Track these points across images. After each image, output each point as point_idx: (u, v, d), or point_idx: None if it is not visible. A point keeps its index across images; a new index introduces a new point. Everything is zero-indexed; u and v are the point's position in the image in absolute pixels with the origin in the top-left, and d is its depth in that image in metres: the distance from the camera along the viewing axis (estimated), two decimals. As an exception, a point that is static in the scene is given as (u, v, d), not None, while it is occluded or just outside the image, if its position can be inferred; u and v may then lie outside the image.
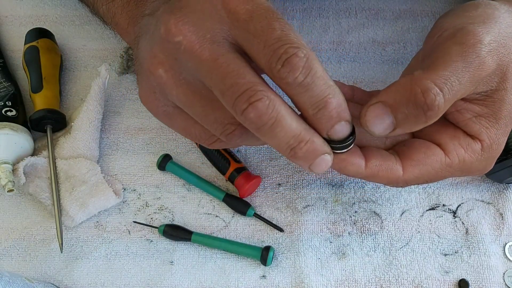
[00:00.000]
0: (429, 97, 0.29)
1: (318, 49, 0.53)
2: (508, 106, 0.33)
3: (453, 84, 0.29)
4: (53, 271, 0.44)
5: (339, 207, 0.46)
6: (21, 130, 0.46)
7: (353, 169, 0.33)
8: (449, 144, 0.34)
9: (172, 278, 0.43)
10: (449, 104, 0.30)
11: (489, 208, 0.45)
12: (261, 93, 0.27)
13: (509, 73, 0.32)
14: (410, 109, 0.30)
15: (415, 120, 0.30)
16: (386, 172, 0.34)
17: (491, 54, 0.31)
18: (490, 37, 0.31)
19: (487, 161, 0.35)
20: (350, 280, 0.43)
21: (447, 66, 0.30)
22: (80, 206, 0.45)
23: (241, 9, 0.28)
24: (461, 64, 0.30)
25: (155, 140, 0.50)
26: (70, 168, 0.46)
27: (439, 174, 0.34)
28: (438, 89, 0.29)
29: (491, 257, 0.43)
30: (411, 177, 0.34)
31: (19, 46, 0.52)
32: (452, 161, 0.34)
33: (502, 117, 0.33)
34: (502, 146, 0.35)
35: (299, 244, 0.44)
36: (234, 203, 0.46)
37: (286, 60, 0.27)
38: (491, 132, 0.34)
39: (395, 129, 0.31)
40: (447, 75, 0.30)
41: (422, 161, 0.34)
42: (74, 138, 0.47)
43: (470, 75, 0.30)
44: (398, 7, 0.55)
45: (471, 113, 0.33)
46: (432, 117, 0.30)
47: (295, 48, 0.27)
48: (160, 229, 0.45)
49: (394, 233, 0.44)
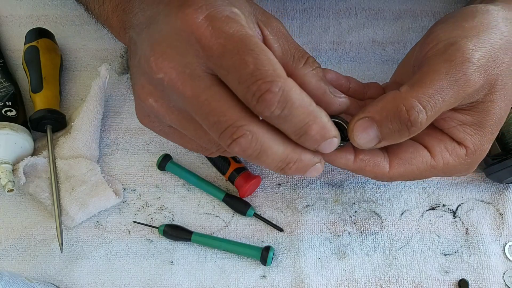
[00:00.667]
0: (413, 115, 0.31)
1: (318, 49, 0.53)
2: (493, 116, 0.34)
3: (437, 102, 0.31)
4: (53, 271, 0.44)
5: (339, 207, 0.46)
6: (21, 130, 0.46)
7: (342, 162, 0.35)
8: (435, 147, 0.35)
9: (172, 278, 0.43)
10: (432, 119, 0.32)
11: (489, 208, 0.45)
12: (242, 129, 0.28)
13: (498, 85, 0.33)
14: (395, 124, 0.31)
15: (399, 135, 0.32)
16: (373, 167, 0.35)
17: (479, 70, 0.32)
18: (480, 53, 0.32)
19: (469, 165, 0.36)
20: (350, 280, 0.43)
21: (433, 84, 0.31)
22: (80, 206, 0.45)
23: (213, 44, 0.28)
24: (446, 83, 0.31)
25: (155, 140, 0.50)
26: (70, 168, 0.46)
27: (423, 174, 0.36)
28: (421, 107, 0.31)
29: (491, 257, 0.43)
30: (396, 174, 0.36)
31: (19, 46, 0.52)
32: (437, 163, 0.35)
33: (487, 126, 0.35)
34: (486, 151, 0.36)
35: (299, 244, 0.44)
36: (234, 203, 0.46)
37: (260, 97, 0.27)
38: (475, 140, 0.35)
39: (380, 142, 0.33)
40: (432, 93, 0.31)
41: (408, 160, 0.35)
42: (74, 138, 0.47)
43: (454, 92, 0.31)
44: (398, 7, 0.55)
45: (456, 121, 0.35)
46: (415, 131, 0.32)
47: (269, 83, 0.27)
48: (160, 229, 0.45)
49: (394, 233, 0.45)
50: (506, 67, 0.34)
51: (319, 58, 0.53)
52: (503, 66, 0.33)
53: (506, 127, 0.42)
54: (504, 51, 0.34)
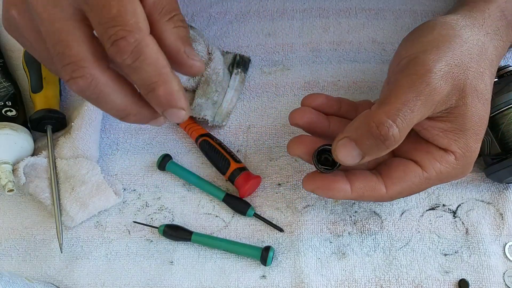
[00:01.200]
0: (383, 130, 0.33)
1: (318, 49, 0.53)
2: (471, 118, 0.35)
3: (406, 114, 0.33)
4: (53, 271, 0.44)
5: (339, 207, 0.46)
6: (21, 130, 0.46)
7: (341, 195, 0.37)
8: (424, 159, 0.37)
9: (172, 278, 0.43)
10: (405, 130, 0.33)
11: (489, 208, 0.45)
12: (84, 70, 0.28)
13: (467, 89, 0.35)
14: (371, 140, 0.33)
15: (377, 149, 0.34)
16: (370, 192, 0.37)
17: (443, 78, 0.34)
18: (441, 63, 0.34)
19: (464, 168, 0.37)
20: (350, 280, 0.43)
21: (399, 98, 0.33)
22: (80, 206, 0.45)
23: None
24: (411, 95, 0.33)
25: (155, 140, 0.50)
26: (70, 168, 0.46)
27: (420, 187, 0.38)
28: (391, 121, 0.33)
29: (491, 257, 0.43)
30: (394, 193, 0.37)
31: (19, 46, 0.52)
32: (429, 175, 0.37)
33: (468, 128, 0.36)
34: (477, 152, 0.37)
35: (299, 244, 0.44)
36: (234, 203, 0.46)
37: (114, 41, 0.27)
38: (460, 143, 0.36)
39: (364, 157, 0.35)
40: (399, 107, 0.33)
41: (402, 178, 0.37)
42: (74, 138, 0.46)
43: (422, 102, 0.33)
44: (398, 7, 0.55)
45: (437, 130, 0.36)
46: (391, 144, 0.33)
47: (127, 31, 0.27)
48: (160, 229, 0.45)
49: (394, 233, 0.44)
50: (474, 71, 0.35)
51: (319, 58, 0.53)
52: (470, 70, 0.35)
53: (506, 127, 0.42)
54: (469, 56, 0.35)
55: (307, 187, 0.38)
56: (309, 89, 0.51)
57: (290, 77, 0.52)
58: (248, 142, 0.49)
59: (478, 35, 0.37)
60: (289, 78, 0.52)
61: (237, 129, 0.50)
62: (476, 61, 0.35)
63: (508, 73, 0.44)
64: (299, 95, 0.51)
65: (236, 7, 0.56)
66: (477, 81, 0.35)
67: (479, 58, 0.36)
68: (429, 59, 0.34)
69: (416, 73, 0.34)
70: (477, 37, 0.37)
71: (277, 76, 0.52)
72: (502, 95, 0.41)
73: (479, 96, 0.35)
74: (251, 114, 0.51)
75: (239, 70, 0.51)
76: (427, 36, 0.36)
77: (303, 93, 0.51)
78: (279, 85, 0.52)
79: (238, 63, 0.52)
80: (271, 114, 0.50)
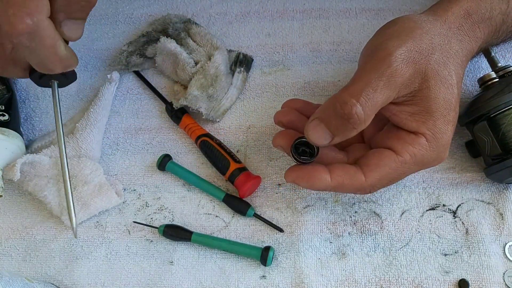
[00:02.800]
0: (346, 108, 0.35)
1: (318, 50, 0.53)
2: (435, 100, 0.37)
3: (368, 93, 0.35)
4: (53, 271, 0.44)
5: (339, 207, 0.46)
6: (13, 136, 0.45)
7: (321, 183, 0.38)
8: (396, 145, 0.38)
9: (172, 278, 0.43)
10: (370, 110, 0.35)
11: (489, 208, 0.45)
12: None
13: (429, 73, 0.37)
14: (337, 120, 0.35)
15: (344, 128, 0.36)
16: (350, 180, 0.38)
17: (404, 62, 0.36)
18: (402, 49, 0.36)
19: (438, 150, 0.38)
20: (350, 280, 0.43)
21: (362, 79, 0.35)
22: (81, 206, 0.45)
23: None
24: (374, 75, 0.35)
25: (155, 140, 0.50)
26: (72, 168, 0.46)
27: (398, 171, 0.38)
28: (354, 100, 0.35)
29: (491, 257, 0.43)
30: (373, 180, 0.38)
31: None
32: (404, 158, 0.38)
33: (434, 111, 0.37)
34: (448, 133, 0.38)
35: (299, 244, 0.44)
36: (234, 203, 0.46)
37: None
38: (429, 125, 0.37)
39: (334, 138, 0.37)
40: (362, 87, 0.35)
41: (377, 164, 0.38)
42: (77, 139, 0.47)
43: (384, 83, 0.35)
44: (398, 8, 0.55)
45: (405, 114, 0.38)
46: (356, 123, 0.35)
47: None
48: (160, 229, 0.45)
49: (394, 233, 0.44)
50: (437, 59, 0.37)
51: (319, 59, 0.53)
52: (432, 57, 0.37)
53: (507, 127, 0.42)
54: (430, 45, 0.37)
55: (288, 178, 0.39)
56: (309, 89, 0.51)
57: (290, 77, 0.52)
58: (248, 142, 0.49)
59: (440, 29, 0.39)
60: (289, 78, 0.52)
61: (237, 129, 0.50)
62: (438, 50, 0.37)
63: (509, 74, 0.44)
64: (299, 95, 0.51)
65: (236, 8, 0.56)
66: (440, 68, 0.37)
67: (442, 48, 0.38)
68: (390, 45, 0.36)
69: (378, 57, 0.36)
70: (439, 30, 0.39)
71: (277, 76, 0.52)
72: (503, 96, 0.41)
73: (442, 81, 0.37)
74: (251, 114, 0.51)
75: (241, 69, 0.51)
76: (391, 28, 0.39)
77: (303, 93, 0.51)
78: (279, 85, 0.52)
79: (241, 62, 0.52)
80: (271, 114, 0.50)
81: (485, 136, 0.43)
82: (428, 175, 0.47)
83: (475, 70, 0.51)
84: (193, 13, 0.56)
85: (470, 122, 0.45)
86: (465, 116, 0.45)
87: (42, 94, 0.52)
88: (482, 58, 0.50)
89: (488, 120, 0.43)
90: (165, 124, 0.50)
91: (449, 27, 0.40)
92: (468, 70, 0.51)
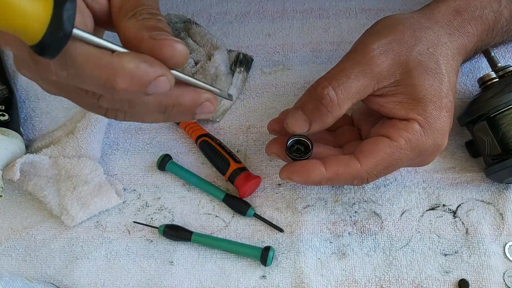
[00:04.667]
0: (319, 88, 0.37)
1: (318, 50, 0.53)
2: (420, 87, 0.37)
3: (341, 78, 0.37)
4: (53, 271, 0.44)
5: (339, 207, 0.46)
6: (13, 136, 0.45)
7: (316, 175, 0.38)
8: (390, 131, 0.38)
9: (172, 278, 0.43)
10: (343, 93, 0.37)
11: (489, 208, 0.45)
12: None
13: (411, 63, 0.37)
14: (311, 103, 0.37)
15: (319, 112, 0.37)
16: (345, 168, 0.38)
17: (382, 53, 0.37)
18: (380, 41, 0.37)
19: (433, 136, 0.38)
20: (350, 280, 0.43)
21: (337, 67, 0.38)
22: (81, 206, 0.45)
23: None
24: (348, 64, 0.37)
25: (155, 140, 0.50)
26: (72, 167, 0.46)
27: (393, 156, 0.38)
28: (326, 83, 0.37)
29: (491, 257, 0.43)
30: (369, 166, 0.38)
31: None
32: (399, 143, 0.38)
33: (421, 97, 0.37)
34: (443, 119, 0.38)
35: (299, 244, 0.44)
36: (234, 203, 0.46)
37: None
38: (418, 110, 0.37)
39: (312, 124, 0.38)
40: (335, 73, 0.37)
41: (372, 149, 0.38)
42: (78, 138, 0.46)
43: (359, 70, 0.37)
44: (398, 7, 0.55)
45: (392, 103, 0.38)
46: (329, 105, 0.37)
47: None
48: (160, 229, 0.45)
49: (394, 233, 0.44)
50: (421, 50, 0.38)
51: (320, 59, 0.53)
52: (415, 49, 0.38)
53: (507, 127, 0.42)
54: (413, 38, 0.38)
55: (283, 175, 0.40)
56: (309, 89, 0.51)
57: (290, 77, 0.52)
58: (248, 142, 0.49)
59: (426, 23, 0.40)
60: (289, 78, 0.52)
61: (237, 129, 0.50)
62: (423, 42, 0.38)
63: (509, 74, 0.44)
64: (299, 95, 0.51)
65: (236, 8, 0.56)
66: (423, 58, 0.38)
67: (427, 40, 0.38)
68: (369, 39, 0.38)
69: (355, 50, 0.38)
70: (425, 24, 0.39)
71: (277, 76, 0.52)
72: (503, 96, 0.41)
73: (427, 70, 0.37)
74: (251, 114, 0.51)
75: (241, 69, 0.51)
76: (374, 27, 0.40)
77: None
78: (279, 85, 0.52)
79: (241, 62, 0.52)
80: (271, 114, 0.50)
81: (485, 136, 0.43)
82: (428, 175, 0.47)
83: (475, 70, 0.51)
84: (193, 13, 0.56)
85: (470, 122, 0.45)
86: (465, 116, 0.45)
87: (42, 94, 0.52)
88: (482, 58, 0.50)
89: (488, 120, 0.43)
90: (165, 124, 0.50)
91: (436, 22, 0.40)
92: (468, 70, 0.51)
